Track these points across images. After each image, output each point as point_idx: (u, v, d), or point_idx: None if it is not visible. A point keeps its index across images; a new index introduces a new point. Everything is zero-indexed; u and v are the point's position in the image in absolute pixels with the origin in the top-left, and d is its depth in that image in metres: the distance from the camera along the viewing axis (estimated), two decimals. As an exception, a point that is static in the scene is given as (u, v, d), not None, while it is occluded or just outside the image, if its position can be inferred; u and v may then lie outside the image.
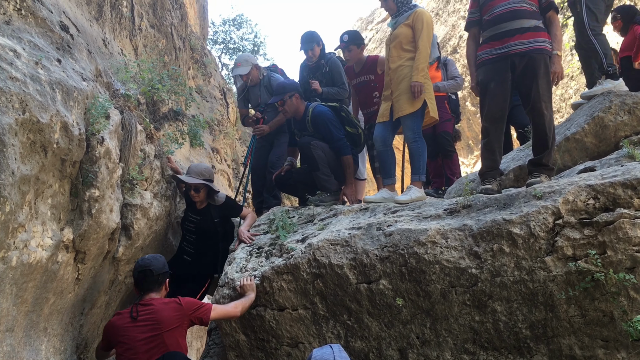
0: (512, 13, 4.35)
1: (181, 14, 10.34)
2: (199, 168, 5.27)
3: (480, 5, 4.58)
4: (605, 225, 3.21)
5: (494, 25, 4.44)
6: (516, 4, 4.35)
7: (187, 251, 5.20)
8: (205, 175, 5.21)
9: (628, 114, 4.54)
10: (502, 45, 4.36)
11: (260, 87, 6.49)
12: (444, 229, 3.66)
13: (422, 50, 4.92)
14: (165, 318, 3.57)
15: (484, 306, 3.47)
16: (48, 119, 3.12)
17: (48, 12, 3.95)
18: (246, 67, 6.35)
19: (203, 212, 5.21)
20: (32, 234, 3.10)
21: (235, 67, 6.43)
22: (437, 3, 19.12)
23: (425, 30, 4.95)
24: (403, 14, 5.13)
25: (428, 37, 4.96)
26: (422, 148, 4.93)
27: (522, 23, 4.32)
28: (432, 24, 5.08)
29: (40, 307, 3.39)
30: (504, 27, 4.37)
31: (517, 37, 4.31)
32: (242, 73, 6.36)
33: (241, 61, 6.44)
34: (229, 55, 22.78)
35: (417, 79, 4.85)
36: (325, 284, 3.89)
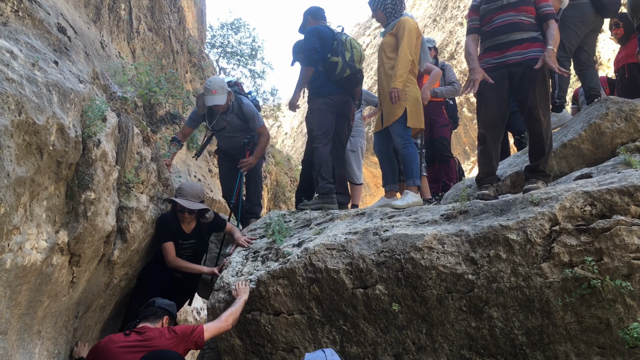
0: (511, 25, 4.40)
1: (179, 18, 10.35)
2: (195, 190, 5.02)
3: (481, 15, 4.61)
4: (601, 232, 3.21)
5: (492, 36, 4.50)
6: (514, 16, 4.40)
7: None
8: (201, 196, 5.07)
9: (625, 121, 4.55)
10: (500, 55, 4.41)
11: (230, 113, 6.03)
12: (441, 235, 3.66)
13: (401, 57, 4.95)
14: (159, 347, 3.52)
15: (480, 312, 3.47)
16: (44, 120, 3.10)
17: (45, 14, 3.94)
18: (222, 95, 5.82)
19: (195, 234, 5.05)
20: (27, 236, 3.08)
21: (210, 95, 5.76)
22: (435, 9, 19.20)
23: (406, 38, 4.98)
24: (390, 24, 5.23)
25: (409, 44, 4.99)
26: (413, 153, 4.97)
27: (521, 35, 4.38)
28: (415, 31, 5.08)
29: (34, 310, 3.36)
30: (503, 39, 4.43)
31: (514, 47, 4.37)
32: (221, 103, 5.83)
33: (216, 88, 5.79)
34: (227, 59, 22.81)
35: (394, 85, 4.90)
36: (321, 289, 3.87)
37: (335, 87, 5.56)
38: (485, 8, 4.58)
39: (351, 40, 5.60)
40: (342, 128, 5.69)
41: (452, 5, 17.84)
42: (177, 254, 4.95)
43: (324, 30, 5.66)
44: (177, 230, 4.93)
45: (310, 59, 5.56)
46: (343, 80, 5.53)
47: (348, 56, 5.51)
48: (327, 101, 5.56)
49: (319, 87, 5.65)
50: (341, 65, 5.48)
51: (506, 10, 4.44)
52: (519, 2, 4.43)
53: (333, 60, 5.52)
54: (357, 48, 5.59)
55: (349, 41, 5.57)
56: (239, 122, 6.03)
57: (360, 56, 5.62)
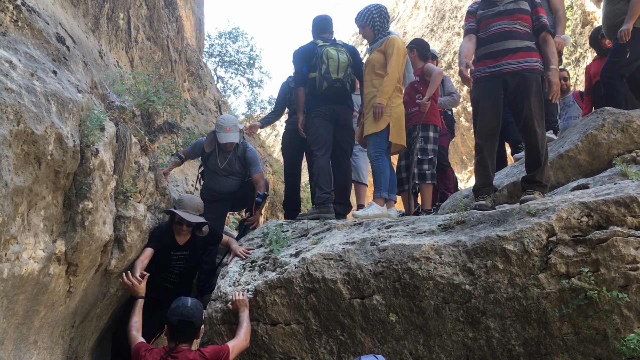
0: (506, 33, 4.43)
1: (177, 27, 10.38)
2: (194, 203, 4.98)
3: (478, 19, 4.65)
4: (598, 243, 3.22)
5: (487, 43, 4.52)
6: (510, 24, 4.43)
7: (170, 280, 5.07)
8: (201, 210, 5.03)
9: (621, 132, 4.58)
10: (494, 64, 4.43)
11: (234, 155, 5.96)
12: (438, 245, 3.66)
13: (390, 75, 5.10)
14: None
15: (477, 323, 3.47)
16: (43, 130, 3.11)
17: (44, 23, 3.96)
18: (236, 133, 5.79)
19: (189, 246, 4.99)
20: (24, 245, 3.08)
21: (224, 132, 5.72)
22: (432, 19, 19.29)
23: (395, 56, 5.13)
24: (378, 41, 5.35)
25: (397, 62, 5.12)
26: (383, 166, 5.10)
27: (515, 43, 4.40)
28: (404, 50, 5.24)
29: (30, 319, 3.36)
30: (497, 47, 4.45)
31: (509, 56, 4.39)
32: (235, 141, 5.79)
33: (230, 126, 5.76)
34: (225, 68, 22.84)
35: (379, 101, 5.06)
36: (319, 299, 3.87)
37: (320, 101, 5.62)
38: (481, 14, 4.63)
39: (328, 51, 5.56)
40: (343, 137, 5.70)
41: (449, 16, 17.93)
42: (169, 265, 4.97)
43: (307, 49, 5.76)
44: (170, 241, 4.89)
45: (297, 81, 5.83)
46: (324, 93, 5.58)
47: (324, 69, 5.53)
48: (317, 114, 5.62)
49: (307, 104, 5.79)
50: (318, 80, 5.55)
51: (502, 18, 4.48)
52: (514, 10, 4.46)
53: (311, 77, 5.64)
54: (334, 57, 5.54)
55: (325, 53, 5.55)
56: (238, 166, 5.98)
57: (336, 65, 5.55)
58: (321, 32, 5.91)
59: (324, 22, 5.98)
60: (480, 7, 4.66)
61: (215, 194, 6.07)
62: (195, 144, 6.27)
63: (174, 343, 3.69)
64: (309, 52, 5.71)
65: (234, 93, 23.54)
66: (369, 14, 5.38)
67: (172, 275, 5.05)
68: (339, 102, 5.66)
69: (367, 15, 5.39)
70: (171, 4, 10.11)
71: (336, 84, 5.56)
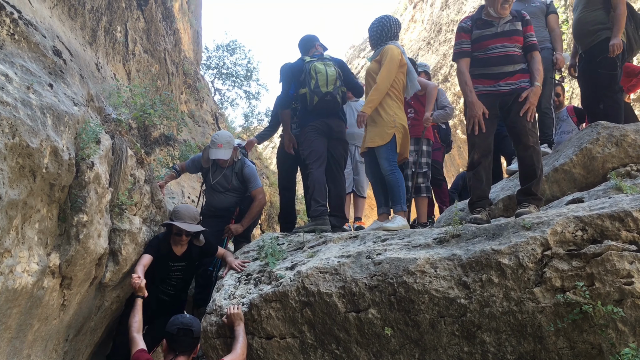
0: (506, 58, 4.49)
1: (175, 40, 10.42)
2: (191, 212, 4.96)
3: (473, 39, 4.66)
4: (593, 257, 3.22)
5: (485, 65, 4.56)
6: (509, 48, 4.49)
7: (165, 292, 5.01)
8: (197, 218, 5.02)
9: (615, 146, 4.60)
10: (492, 84, 4.50)
11: (231, 171, 5.98)
12: (433, 259, 3.66)
13: (378, 84, 5.07)
14: None
15: (472, 337, 3.46)
16: (38, 143, 3.11)
17: (41, 37, 3.97)
18: (228, 150, 5.79)
19: (186, 257, 4.97)
20: (18, 259, 3.07)
21: (216, 148, 5.74)
22: (429, 32, 19.40)
23: (386, 65, 5.08)
24: (376, 50, 5.36)
25: (388, 71, 5.07)
26: (400, 179, 5.05)
27: (513, 67, 4.48)
28: (397, 59, 5.13)
29: (24, 333, 3.34)
30: (496, 70, 4.51)
31: (506, 79, 4.47)
32: (225, 158, 5.78)
33: (223, 142, 5.76)
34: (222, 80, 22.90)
35: (363, 109, 5.06)
36: (314, 313, 3.86)
37: (313, 115, 5.67)
38: (478, 33, 4.62)
39: (315, 66, 5.62)
40: (336, 149, 5.71)
41: (445, 29, 18.03)
42: (166, 276, 4.92)
43: (295, 66, 5.83)
44: (167, 252, 4.85)
45: (282, 104, 5.99)
46: (316, 107, 5.62)
47: (313, 84, 5.58)
48: (311, 128, 5.67)
49: (300, 119, 5.86)
50: (309, 95, 5.59)
51: (500, 40, 4.51)
52: (512, 32, 4.50)
53: (302, 92, 5.68)
54: (322, 72, 5.58)
55: (313, 67, 5.61)
56: (236, 182, 5.98)
57: (325, 79, 5.59)
58: (308, 49, 6.00)
59: (308, 39, 6.09)
60: (476, 27, 4.66)
61: (213, 209, 6.09)
62: (194, 158, 6.29)
63: (172, 354, 3.66)
64: (297, 69, 5.77)
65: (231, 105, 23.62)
66: (371, 25, 5.46)
67: (169, 287, 5.02)
68: (331, 116, 5.69)
69: (370, 26, 5.48)
70: (169, 17, 10.16)
71: (327, 97, 5.59)
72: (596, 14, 5.61)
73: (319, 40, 6.13)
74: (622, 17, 5.39)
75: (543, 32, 5.63)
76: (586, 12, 5.70)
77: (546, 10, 5.90)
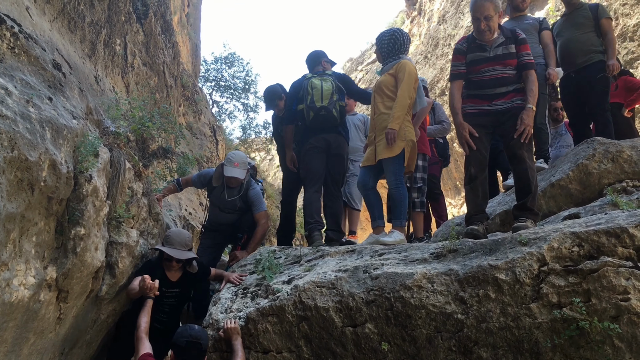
0: (498, 80, 4.52)
1: (174, 53, 10.47)
2: (182, 238, 4.82)
3: (467, 62, 4.69)
4: (589, 273, 3.23)
5: (479, 87, 4.60)
6: (502, 71, 4.53)
7: (158, 319, 4.68)
8: (190, 244, 4.86)
9: (611, 161, 4.63)
10: (486, 104, 4.55)
11: (236, 191, 5.89)
12: (430, 273, 3.67)
13: (400, 99, 5.04)
14: None
15: (469, 352, 3.45)
16: (37, 157, 3.12)
17: (41, 50, 4.00)
18: (243, 170, 5.75)
19: (180, 283, 4.83)
20: (15, 272, 3.06)
21: (232, 167, 5.69)
22: (426, 46, 19.52)
23: (406, 80, 5.08)
24: (389, 64, 5.33)
25: (408, 87, 5.08)
26: (404, 195, 5.05)
27: (506, 88, 4.51)
28: (415, 75, 5.19)
29: (19, 347, 3.32)
30: (489, 92, 4.55)
31: (500, 99, 4.51)
32: (240, 177, 5.72)
33: (239, 162, 5.73)
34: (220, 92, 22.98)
35: (391, 126, 4.99)
36: (311, 327, 3.85)
37: (311, 132, 5.77)
38: (472, 57, 4.66)
39: (312, 82, 5.74)
40: (334, 166, 5.76)
41: (442, 43, 18.15)
42: (160, 302, 4.62)
43: (297, 83, 5.95)
44: (162, 278, 4.64)
45: (288, 119, 6.06)
46: (312, 123, 5.72)
47: (309, 99, 5.69)
48: (309, 147, 5.77)
49: (302, 136, 5.91)
50: (305, 111, 5.71)
51: (493, 64, 4.55)
52: (505, 56, 4.53)
53: (300, 108, 5.79)
54: (318, 87, 5.68)
55: (310, 84, 5.73)
56: (240, 203, 5.93)
57: (320, 94, 5.69)
58: (314, 66, 6.08)
59: (314, 56, 6.15)
60: (469, 50, 4.69)
61: (216, 224, 6.12)
62: (202, 174, 6.24)
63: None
64: (298, 85, 5.88)
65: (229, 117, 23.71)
66: (380, 37, 5.46)
67: (163, 314, 4.81)
68: (329, 131, 5.75)
69: (379, 38, 5.48)
70: (168, 30, 10.21)
71: (321, 111, 5.68)
72: (589, 36, 5.77)
73: (326, 56, 6.17)
74: (614, 41, 5.68)
75: (536, 49, 5.70)
76: (578, 33, 5.84)
77: (539, 27, 5.97)
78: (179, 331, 3.78)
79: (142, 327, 3.95)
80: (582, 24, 5.83)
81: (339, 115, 5.74)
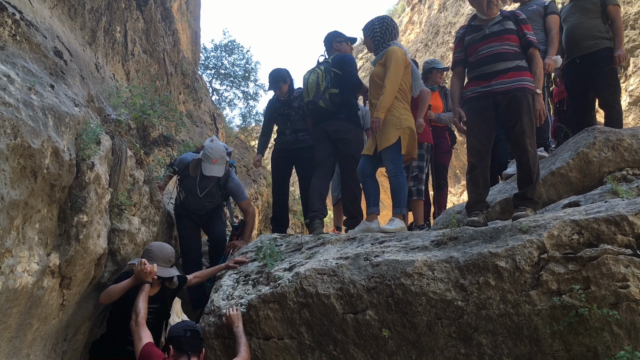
0: (495, 56, 4.49)
1: (174, 40, 10.43)
2: (165, 253, 4.49)
3: (465, 46, 4.71)
4: (589, 261, 3.25)
5: (477, 67, 4.59)
6: (498, 46, 4.49)
7: None
8: (172, 260, 4.58)
9: (612, 150, 4.63)
10: (485, 84, 4.49)
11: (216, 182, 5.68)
12: (431, 261, 3.69)
13: (387, 87, 4.95)
14: None
15: (469, 339, 3.48)
16: (39, 144, 3.13)
17: (42, 37, 3.99)
18: (222, 165, 5.45)
19: (158, 298, 4.48)
20: (19, 259, 3.09)
21: (210, 164, 5.36)
22: (427, 34, 19.46)
23: (393, 68, 4.98)
24: (379, 53, 5.26)
25: (396, 74, 4.98)
26: (403, 183, 4.98)
27: (505, 64, 4.45)
28: (402, 61, 5.05)
29: (23, 333, 3.35)
30: (487, 70, 4.51)
31: (499, 77, 4.44)
32: (219, 175, 5.47)
33: (217, 158, 5.38)
34: (220, 80, 22.89)
35: (376, 115, 4.93)
36: (312, 314, 3.88)
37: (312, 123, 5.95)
38: (469, 39, 4.67)
39: (309, 74, 5.86)
40: (340, 151, 5.75)
41: (443, 31, 18.09)
42: None
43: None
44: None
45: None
46: (310, 116, 5.94)
47: (305, 94, 5.87)
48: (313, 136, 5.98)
49: None
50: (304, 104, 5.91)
51: (489, 41, 4.53)
52: (501, 32, 4.52)
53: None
54: (312, 80, 5.79)
55: (305, 77, 5.89)
56: (215, 189, 5.72)
57: (306, 88, 5.85)
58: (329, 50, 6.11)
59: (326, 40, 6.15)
60: (467, 33, 4.72)
61: (186, 211, 5.85)
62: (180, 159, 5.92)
63: (187, 356, 3.54)
64: None
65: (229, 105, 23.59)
66: (370, 25, 5.34)
67: None
68: (324, 120, 5.76)
69: (369, 27, 5.35)
70: (168, 17, 10.16)
71: (309, 106, 5.82)
72: (595, 22, 5.71)
73: (340, 35, 6.08)
74: (622, 29, 5.60)
75: (539, 35, 5.64)
76: (584, 19, 5.77)
77: (544, 12, 5.92)
78: (174, 327, 3.70)
79: (142, 314, 3.83)
80: (589, 10, 5.77)
81: (331, 104, 5.68)
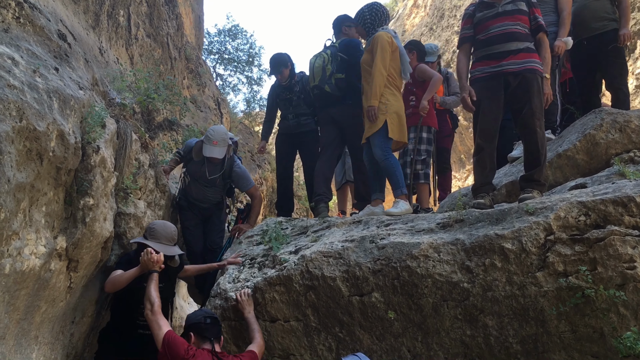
0: (507, 35, 4.44)
1: (177, 24, 10.38)
2: (169, 232, 4.41)
3: (475, 23, 4.65)
4: (595, 242, 3.24)
5: (488, 45, 4.53)
6: (511, 26, 4.44)
7: (143, 325, 4.12)
8: (175, 238, 4.51)
9: (619, 132, 4.60)
10: (495, 64, 4.44)
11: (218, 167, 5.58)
12: (437, 243, 3.69)
13: (375, 75, 4.93)
14: None
15: (475, 320, 3.49)
16: (45, 127, 3.13)
17: (46, 20, 3.97)
18: (223, 148, 5.40)
19: (163, 277, 4.25)
20: (26, 241, 3.10)
21: (210, 145, 5.32)
22: (431, 18, 19.30)
23: (379, 54, 4.95)
24: (368, 40, 5.25)
25: (382, 59, 4.95)
26: (394, 164, 4.97)
27: (516, 45, 4.42)
28: (388, 45, 4.99)
29: (31, 315, 3.38)
30: (498, 49, 4.46)
31: (510, 57, 4.41)
32: (219, 157, 5.40)
33: (218, 140, 5.33)
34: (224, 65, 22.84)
35: (370, 104, 4.94)
36: (318, 296, 3.89)
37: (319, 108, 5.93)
38: (480, 16, 4.61)
39: (315, 59, 5.80)
40: (348, 135, 5.74)
41: (448, 14, 17.94)
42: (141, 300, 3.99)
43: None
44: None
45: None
46: (316, 101, 5.91)
47: (310, 78, 5.83)
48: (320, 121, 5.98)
49: None
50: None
51: (502, 19, 4.48)
52: (514, 11, 4.47)
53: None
54: (318, 65, 5.72)
55: (312, 61, 5.82)
56: (220, 179, 5.66)
57: (312, 74, 5.79)
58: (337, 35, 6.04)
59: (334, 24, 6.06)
60: (478, 10, 4.66)
61: (189, 200, 5.79)
62: (185, 145, 5.92)
63: (208, 342, 3.60)
64: None
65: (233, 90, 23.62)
66: (361, 12, 5.28)
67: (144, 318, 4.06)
68: (331, 105, 5.71)
69: (359, 14, 5.30)
70: (171, 1, 10.12)
71: (314, 91, 5.78)
72: (603, 3, 5.65)
73: (348, 20, 5.96)
74: (629, 9, 5.57)
75: (550, 17, 5.57)
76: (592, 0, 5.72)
77: None
78: (192, 315, 3.81)
79: (157, 303, 3.75)
80: None
81: (337, 89, 5.61)
